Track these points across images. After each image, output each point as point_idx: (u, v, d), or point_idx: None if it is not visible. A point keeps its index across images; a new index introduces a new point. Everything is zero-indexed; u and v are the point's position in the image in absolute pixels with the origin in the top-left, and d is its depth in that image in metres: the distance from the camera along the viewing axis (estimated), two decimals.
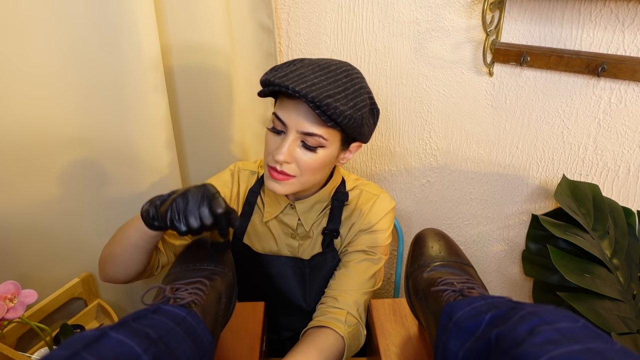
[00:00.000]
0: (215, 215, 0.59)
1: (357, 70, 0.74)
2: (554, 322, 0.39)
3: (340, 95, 0.67)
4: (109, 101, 0.84)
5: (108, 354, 0.39)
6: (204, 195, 0.60)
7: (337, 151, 0.75)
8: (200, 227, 0.59)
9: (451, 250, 0.66)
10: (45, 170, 0.85)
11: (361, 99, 0.70)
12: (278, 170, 0.72)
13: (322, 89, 0.66)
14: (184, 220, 0.59)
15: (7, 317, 0.70)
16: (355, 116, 0.68)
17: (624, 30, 0.81)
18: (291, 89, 0.64)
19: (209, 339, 0.51)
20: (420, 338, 0.70)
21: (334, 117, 0.66)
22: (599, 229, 0.90)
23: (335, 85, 0.67)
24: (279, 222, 0.86)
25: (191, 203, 0.60)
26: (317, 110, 0.65)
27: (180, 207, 0.60)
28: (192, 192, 0.61)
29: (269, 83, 0.68)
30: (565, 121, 0.94)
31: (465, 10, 0.94)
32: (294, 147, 0.71)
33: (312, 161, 0.72)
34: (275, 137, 0.73)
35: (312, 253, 0.85)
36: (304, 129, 0.69)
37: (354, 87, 0.70)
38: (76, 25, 0.77)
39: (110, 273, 0.75)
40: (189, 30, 0.95)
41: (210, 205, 0.59)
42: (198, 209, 0.59)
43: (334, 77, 0.69)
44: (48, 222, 0.88)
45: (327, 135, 0.70)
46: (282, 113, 0.71)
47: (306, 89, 0.64)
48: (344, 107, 0.66)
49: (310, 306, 0.85)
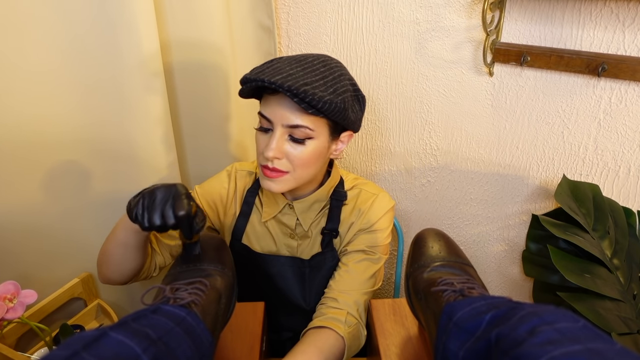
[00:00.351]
0: (176, 217, 0.59)
1: (336, 60, 0.74)
2: (554, 322, 0.39)
3: (319, 82, 0.67)
4: (108, 100, 0.84)
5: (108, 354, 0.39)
6: (170, 195, 0.60)
7: (327, 142, 0.74)
8: (162, 225, 0.59)
9: (451, 250, 0.66)
10: (45, 170, 0.85)
11: (341, 84, 0.70)
12: (270, 167, 0.72)
13: (299, 78, 0.66)
14: (147, 217, 0.59)
15: (7, 317, 0.70)
16: (336, 101, 0.68)
17: (624, 30, 0.81)
18: (267, 81, 0.65)
19: (209, 339, 0.51)
20: (420, 338, 0.70)
21: (313, 104, 0.66)
22: (599, 229, 0.90)
23: (312, 74, 0.68)
24: (277, 222, 0.86)
25: (157, 201, 0.60)
26: (295, 99, 0.65)
27: (146, 204, 0.60)
28: (159, 190, 0.61)
29: (246, 80, 0.68)
30: (566, 121, 0.93)
31: (465, 10, 0.94)
32: (282, 142, 0.71)
33: (303, 154, 0.72)
34: (264, 135, 0.73)
35: (311, 253, 0.85)
36: (289, 121, 0.69)
37: (333, 74, 0.70)
38: (75, 23, 0.77)
39: (106, 274, 0.75)
40: (188, 29, 0.95)
41: (173, 205, 0.59)
42: (162, 208, 0.59)
43: (310, 67, 0.69)
44: (48, 222, 0.88)
45: (313, 125, 0.70)
46: (266, 110, 0.71)
47: (281, 79, 0.65)
48: (323, 93, 0.66)
49: (310, 306, 0.84)
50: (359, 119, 0.77)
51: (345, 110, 0.70)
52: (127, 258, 0.72)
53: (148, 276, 0.81)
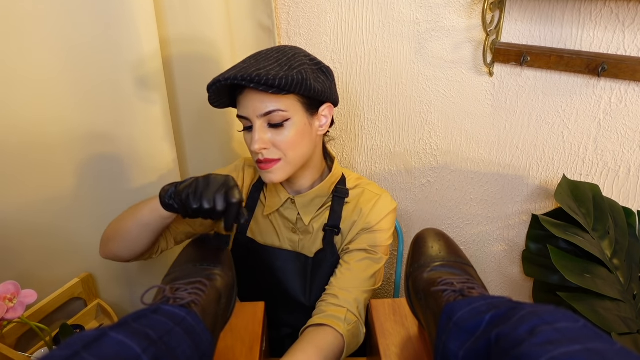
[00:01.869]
0: (228, 203, 0.61)
1: (291, 46, 0.77)
2: (554, 322, 0.39)
3: (272, 65, 0.70)
4: (108, 100, 0.84)
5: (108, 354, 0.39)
6: (224, 183, 0.63)
7: (306, 118, 0.76)
8: (210, 210, 0.61)
9: (451, 250, 0.66)
10: (45, 169, 0.85)
11: (296, 60, 0.73)
12: (262, 159, 0.75)
13: (252, 67, 0.69)
14: (198, 199, 0.61)
15: (6, 317, 0.70)
16: (291, 74, 0.70)
17: (624, 30, 0.81)
18: (222, 78, 0.68)
19: (209, 339, 0.51)
20: (420, 338, 0.70)
21: (270, 83, 0.68)
22: (599, 229, 0.90)
23: (265, 61, 0.71)
24: (280, 215, 0.87)
25: (211, 186, 0.63)
26: (252, 84, 0.68)
27: (200, 187, 0.63)
28: (214, 177, 0.64)
29: (208, 87, 0.72)
30: (566, 121, 0.93)
31: (465, 10, 0.94)
32: (264, 132, 0.74)
33: (287, 137, 0.74)
34: (248, 134, 0.76)
35: (313, 249, 0.86)
36: (261, 110, 0.72)
37: (287, 55, 0.73)
38: (75, 23, 0.77)
39: (113, 249, 0.77)
40: (188, 29, 0.95)
41: (227, 193, 0.62)
42: (214, 193, 0.62)
43: (264, 57, 0.73)
44: (48, 222, 0.88)
45: (284, 106, 0.72)
46: (240, 110, 0.75)
47: (235, 73, 0.68)
48: (276, 72, 0.69)
49: (310, 302, 0.85)
50: (328, 88, 0.78)
51: (306, 80, 0.72)
52: (142, 238, 0.75)
53: (150, 257, 0.83)
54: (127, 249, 0.76)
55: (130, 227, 0.74)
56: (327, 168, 0.88)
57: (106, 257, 0.80)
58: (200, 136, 1.08)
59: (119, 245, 0.76)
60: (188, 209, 0.63)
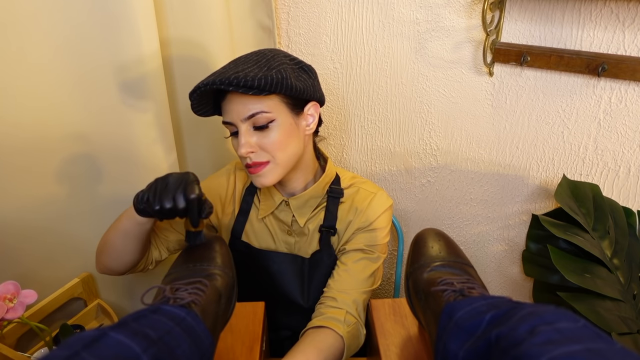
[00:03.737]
0: (187, 200, 0.61)
1: (272, 48, 0.77)
2: (555, 322, 0.39)
3: (251, 67, 0.70)
4: (108, 100, 0.84)
5: (108, 354, 0.39)
6: (182, 180, 0.63)
7: (291, 118, 0.75)
8: (172, 209, 0.61)
9: (451, 250, 0.66)
10: (44, 170, 0.85)
11: (275, 61, 0.72)
12: (250, 163, 0.74)
13: (230, 71, 0.69)
14: (158, 200, 0.61)
15: (7, 317, 0.70)
16: (270, 74, 0.69)
17: (624, 30, 0.81)
18: (202, 84, 0.68)
19: (209, 339, 0.51)
20: (420, 338, 0.70)
21: (250, 85, 0.67)
22: (599, 229, 0.90)
23: (244, 65, 0.71)
24: (275, 218, 0.87)
25: (169, 185, 0.63)
26: (231, 87, 0.67)
27: (159, 188, 0.63)
28: (172, 176, 0.64)
29: (189, 95, 0.71)
30: (566, 121, 0.94)
31: (465, 10, 0.94)
32: (249, 135, 0.73)
33: (273, 139, 0.73)
34: (235, 139, 0.76)
35: (309, 250, 0.85)
36: (243, 114, 0.71)
37: (266, 57, 0.73)
38: (75, 23, 0.77)
39: (104, 262, 0.77)
40: (188, 29, 0.95)
41: (185, 189, 0.62)
42: (174, 192, 0.62)
43: (243, 60, 0.72)
44: (47, 222, 0.88)
45: (267, 107, 0.71)
46: (224, 116, 0.75)
47: (213, 78, 0.68)
48: (254, 73, 0.68)
49: (309, 304, 0.85)
50: (311, 85, 0.77)
51: (285, 79, 0.70)
52: (127, 248, 0.74)
53: (145, 269, 0.83)
54: (116, 260, 0.76)
55: (113, 238, 0.74)
56: (320, 168, 0.87)
57: (101, 272, 0.80)
58: (199, 137, 1.07)
59: (108, 257, 0.76)
60: (152, 211, 0.62)
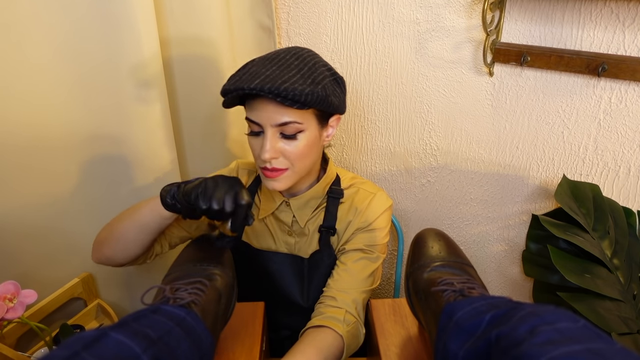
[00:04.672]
0: (237, 204, 0.61)
1: (307, 50, 0.75)
2: (555, 322, 0.39)
3: (296, 77, 0.68)
4: (108, 100, 0.84)
5: (108, 354, 0.39)
6: (233, 185, 0.63)
7: (317, 130, 0.75)
8: (219, 211, 0.61)
9: (451, 250, 0.66)
10: (45, 170, 0.85)
11: (318, 72, 0.71)
12: (270, 168, 0.73)
13: (276, 77, 0.67)
14: (207, 200, 0.61)
15: (7, 317, 0.70)
16: (316, 91, 0.68)
17: (624, 30, 0.81)
18: (247, 88, 0.66)
19: (209, 339, 0.51)
20: (420, 338, 0.70)
21: (296, 99, 0.66)
22: (599, 229, 0.90)
23: (287, 70, 0.69)
24: (275, 219, 0.87)
25: (220, 187, 0.62)
26: (278, 98, 0.66)
27: (209, 188, 0.62)
28: (222, 178, 0.64)
29: (226, 91, 0.69)
30: (566, 121, 0.93)
31: (465, 10, 0.94)
32: (275, 141, 0.72)
33: (297, 148, 0.73)
34: (257, 139, 0.74)
35: (309, 250, 0.85)
36: (277, 121, 0.70)
37: (307, 65, 0.71)
38: (75, 23, 0.77)
39: (107, 252, 0.76)
40: (188, 29, 0.95)
41: (236, 194, 0.62)
42: (224, 194, 0.62)
43: (284, 63, 0.70)
44: (48, 222, 0.88)
45: (300, 118, 0.71)
46: (252, 115, 0.72)
47: (260, 83, 0.66)
48: (302, 87, 0.67)
49: (308, 304, 0.85)
50: (342, 101, 0.77)
51: (328, 97, 0.71)
52: (140, 239, 0.74)
53: (144, 262, 0.82)
54: (123, 251, 0.75)
55: (127, 229, 0.73)
56: (321, 169, 0.87)
57: (98, 262, 0.78)
58: (199, 137, 1.08)
59: (115, 247, 0.75)
60: (197, 209, 0.62)
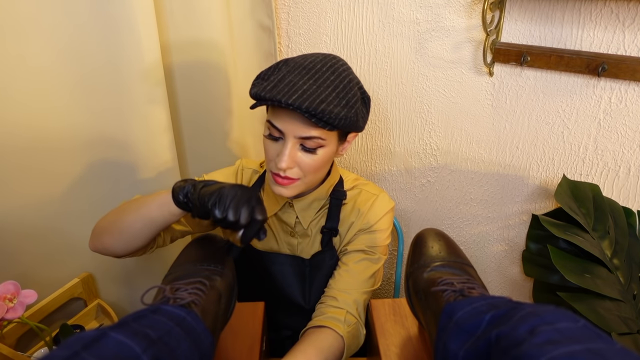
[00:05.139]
0: (253, 219, 0.60)
1: (341, 61, 0.74)
2: (555, 322, 0.39)
3: (332, 96, 0.67)
4: (109, 101, 0.84)
5: (108, 354, 0.39)
6: (252, 197, 0.61)
7: (336, 146, 0.75)
8: (234, 222, 0.59)
9: (451, 250, 0.66)
10: (45, 170, 0.85)
11: (352, 93, 0.70)
12: (282, 176, 0.72)
13: (314, 94, 0.65)
14: (224, 210, 0.59)
15: (7, 317, 0.70)
16: (349, 115, 0.68)
17: (624, 30, 0.81)
18: (284, 102, 0.64)
19: (209, 339, 0.51)
20: (420, 338, 0.70)
21: (330, 122, 0.66)
22: (599, 229, 0.90)
23: (325, 87, 0.67)
24: (278, 220, 0.87)
25: (238, 198, 0.60)
26: (313, 119, 0.65)
27: (227, 198, 0.60)
28: (241, 190, 0.62)
29: (260, 97, 0.67)
30: (566, 121, 0.93)
31: (465, 10, 0.94)
32: (295, 152, 0.71)
33: (314, 162, 0.72)
34: (274, 143, 0.72)
35: (311, 252, 0.85)
36: (302, 134, 0.69)
37: (343, 82, 0.70)
38: (75, 26, 0.77)
39: (107, 242, 0.73)
40: (188, 30, 0.95)
41: (253, 208, 0.60)
42: (241, 207, 0.60)
43: (321, 77, 0.68)
44: (48, 223, 0.88)
45: (324, 135, 0.70)
46: (277, 121, 0.70)
47: (299, 99, 0.64)
48: (338, 110, 0.66)
49: (310, 305, 0.85)
50: (366, 121, 0.77)
51: (357, 121, 0.71)
52: (144, 233, 0.71)
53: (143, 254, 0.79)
54: (124, 243, 0.73)
55: (132, 221, 0.71)
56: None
57: (95, 250, 0.76)
58: (200, 138, 1.07)
59: (116, 238, 0.73)
60: (211, 216, 0.60)
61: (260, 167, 0.91)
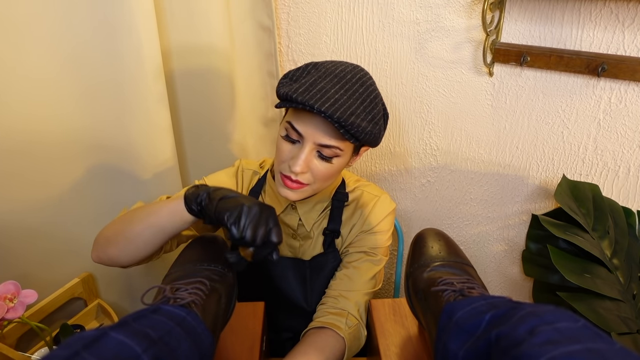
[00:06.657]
0: (268, 241, 0.59)
1: (368, 74, 0.73)
2: (554, 322, 0.39)
3: (360, 109, 0.67)
4: (109, 102, 0.84)
5: (108, 354, 0.39)
6: (270, 218, 0.60)
7: (349, 158, 0.75)
8: (249, 241, 0.58)
9: (451, 250, 0.66)
10: (45, 170, 0.85)
11: (377, 110, 0.71)
12: (293, 179, 0.72)
13: (344, 105, 0.65)
14: (242, 230, 0.58)
15: (7, 317, 0.70)
16: (374, 131, 0.69)
17: (624, 30, 0.81)
18: (316, 109, 0.63)
19: (209, 339, 0.51)
20: (420, 338, 0.70)
21: (356, 135, 0.66)
22: (599, 229, 0.90)
23: (354, 99, 0.67)
24: (280, 222, 0.86)
25: (257, 218, 0.59)
26: (341, 130, 0.65)
27: (246, 217, 0.58)
28: (260, 209, 0.59)
29: (292, 99, 0.66)
30: (565, 121, 0.94)
31: (465, 10, 0.94)
32: (311, 158, 0.70)
33: (327, 170, 0.72)
34: (290, 146, 0.71)
35: (313, 253, 0.85)
36: (322, 141, 0.68)
37: (370, 96, 0.70)
38: (76, 29, 0.77)
39: (113, 253, 0.70)
40: (189, 31, 0.95)
41: (271, 230, 0.59)
42: (258, 228, 0.58)
43: (351, 88, 0.68)
44: (48, 222, 0.88)
45: (343, 146, 0.70)
46: (299, 125, 0.69)
47: (331, 108, 0.63)
48: (365, 124, 0.67)
49: (311, 307, 0.85)
50: (382, 137, 0.76)
51: (379, 137, 0.72)
52: (153, 242, 0.69)
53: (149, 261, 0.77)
54: (132, 252, 0.70)
55: (141, 230, 0.68)
56: None
57: (99, 261, 0.73)
58: (200, 138, 1.07)
59: (122, 248, 0.70)
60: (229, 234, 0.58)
61: (260, 168, 0.90)
